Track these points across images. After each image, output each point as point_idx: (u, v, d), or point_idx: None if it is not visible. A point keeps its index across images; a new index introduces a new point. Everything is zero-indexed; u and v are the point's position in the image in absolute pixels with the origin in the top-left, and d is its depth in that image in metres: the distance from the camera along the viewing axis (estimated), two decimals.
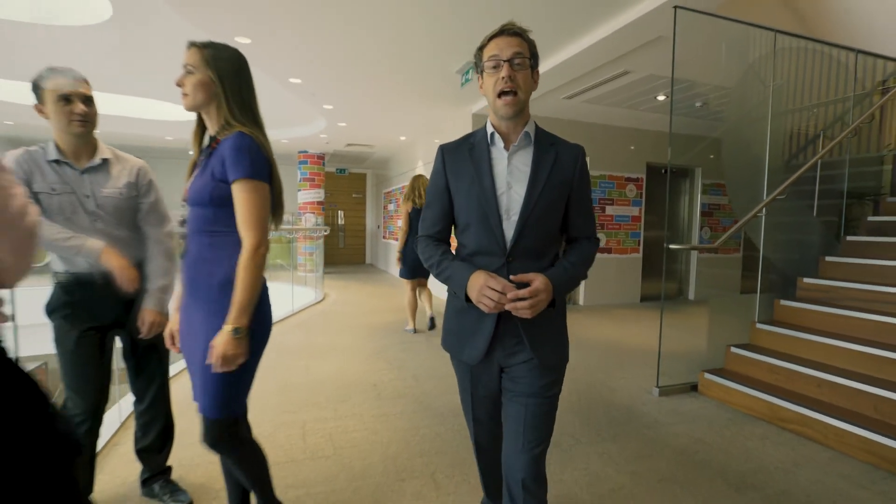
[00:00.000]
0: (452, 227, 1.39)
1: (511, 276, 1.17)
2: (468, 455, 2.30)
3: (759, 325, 3.43)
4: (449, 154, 1.31)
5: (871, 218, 3.85)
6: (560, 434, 2.55)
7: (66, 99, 1.58)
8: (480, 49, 1.24)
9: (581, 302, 6.76)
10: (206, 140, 1.46)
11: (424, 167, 8.42)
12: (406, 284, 4.85)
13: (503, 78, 1.16)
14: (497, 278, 1.16)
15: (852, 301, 3.20)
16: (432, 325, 4.92)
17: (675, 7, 2.95)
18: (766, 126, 3.54)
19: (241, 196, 1.33)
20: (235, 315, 1.27)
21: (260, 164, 1.35)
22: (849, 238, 3.74)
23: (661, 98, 5.32)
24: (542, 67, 4.33)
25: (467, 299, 1.22)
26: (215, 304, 1.33)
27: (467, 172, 1.25)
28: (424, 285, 5.04)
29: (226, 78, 1.38)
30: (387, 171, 11.48)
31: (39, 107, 1.61)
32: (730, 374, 3.27)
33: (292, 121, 7.62)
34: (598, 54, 3.90)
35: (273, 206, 1.43)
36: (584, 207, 1.30)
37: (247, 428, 1.53)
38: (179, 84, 1.37)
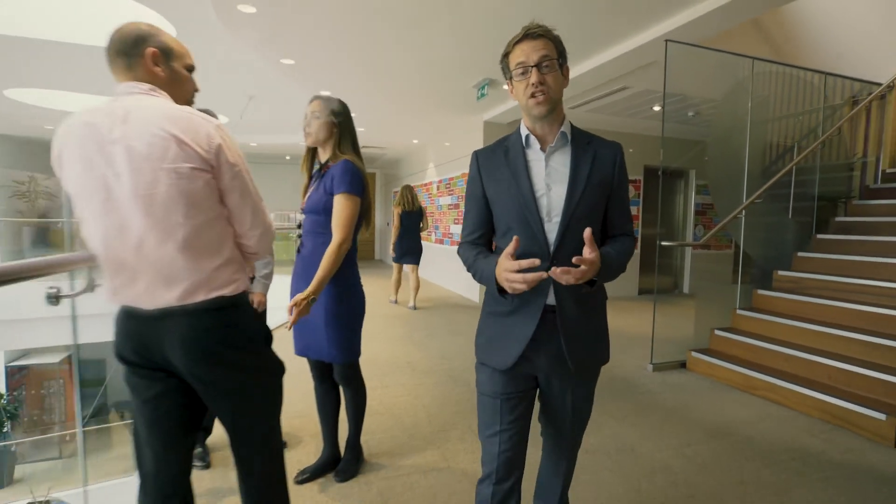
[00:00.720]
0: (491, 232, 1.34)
1: (574, 259, 1.06)
2: None
3: (739, 312, 3.97)
4: (484, 159, 1.27)
5: (839, 218, 4.40)
6: None
7: None
8: (506, 55, 1.21)
9: None
10: (317, 165, 2.00)
11: (435, 169, 8.94)
12: (394, 266, 6.51)
13: (533, 84, 1.13)
14: (507, 259, 1.08)
15: (820, 290, 3.74)
16: (414, 308, 6.31)
17: (667, 40, 3.48)
18: (745, 138, 4.07)
19: (339, 205, 1.86)
20: (315, 287, 1.78)
21: (357, 183, 1.89)
22: (819, 236, 4.28)
23: (656, 108, 5.85)
24: None
25: (502, 292, 1.16)
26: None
27: (504, 176, 1.21)
28: (413, 270, 6.32)
29: (339, 122, 1.91)
30: (397, 171, 12.00)
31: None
32: (713, 353, 3.81)
33: None
34: (600, 76, 4.41)
35: (363, 213, 1.96)
36: (623, 206, 1.26)
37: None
38: (307, 126, 1.90)
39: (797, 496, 2.06)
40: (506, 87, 1.26)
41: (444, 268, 8.37)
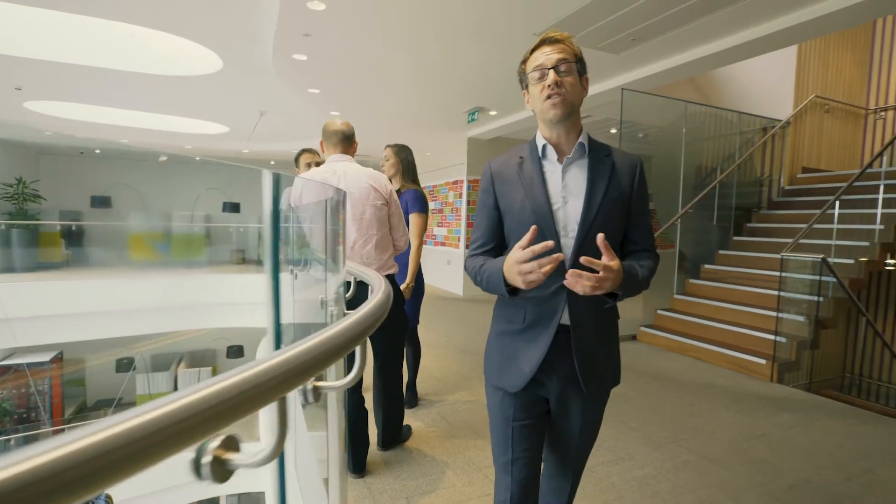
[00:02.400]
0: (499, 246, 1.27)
1: (582, 259, 0.99)
2: None
3: (676, 296, 5.15)
4: (497, 169, 1.21)
5: (750, 224, 5.69)
6: None
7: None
8: (523, 62, 1.17)
9: None
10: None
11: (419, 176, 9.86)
12: None
13: (549, 85, 1.09)
14: (518, 250, 1.01)
15: (734, 279, 4.96)
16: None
17: (623, 89, 4.58)
18: (681, 160, 5.27)
19: (415, 221, 2.79)
20: (411, 277, 2.73)
21: (423, 205, 2.83)
22: (735, 238, 5.54)
23: (613, 131, 7.04)
24: (526, 114, 5.88)
25: (513, 293, 1.10)
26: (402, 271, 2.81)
27: (518, 188, 1.16)
28: None
29: (405, 161, 2.85)
30: None
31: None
32: (657, 327, 4.96)
33: (317, 134, 8.89)
34: None
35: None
36: (643, 220, 1.19)
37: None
38: (383, 164, 2.82)
39: (708, 409, 3.16)
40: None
41: (427, 266, 9.33)
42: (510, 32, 3.57)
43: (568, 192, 1.14)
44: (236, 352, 9.83)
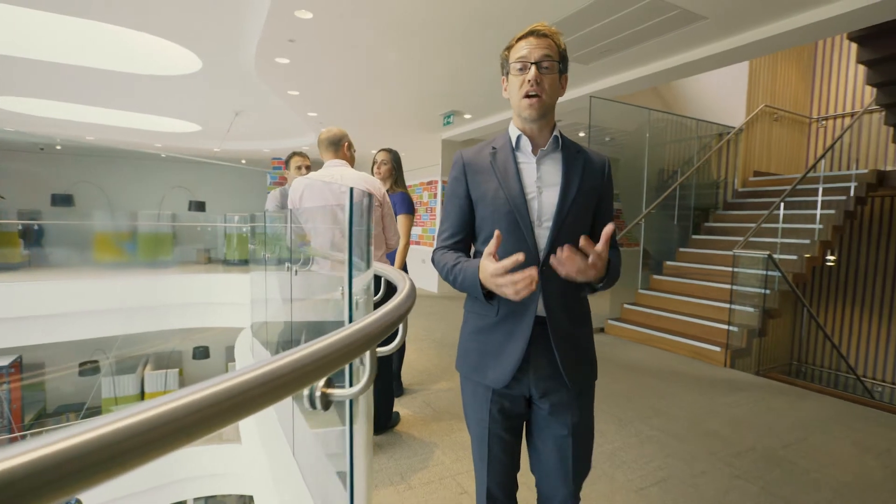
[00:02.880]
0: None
1: (581, 243, 0.99)
2: None
3: (640, 291, 5.51)
4: (470, 160, 1.20)
5: (707, 223, 6.12)
6: None
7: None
8: (507, 49, 1.16)
9: None
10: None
11: None
12: None
13: (528, 81, 1.09)
14: (490, 261, 1.01)
15: (693, 274, 5.35)
16: None
17: (591, 96, 4.88)
18: (644, 163, 5.62)
19: (402, 222, 2.97)
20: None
21: (410, 207, 3.01)
22: (694, 236, 5.95)
23: (581, 134, 7.38)
24: (499, 118, 6.13)
25: (489, 297, 1.09)
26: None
27: (491, 178, 1.16)
28: None
29: (396, 166, 3.03)
30: None
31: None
32: (623, 320, 5.30)
33: (291, 134, 8.88)
34: None
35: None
36: (609, 217, 1.22)
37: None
38: (379, 171, 2.99)
39: (669, 392, 3.47)
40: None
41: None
42: (487, 43, 3.79)
43: (543, 182, 1.15)
44: (202, 353, 9.71)
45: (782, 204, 4.89)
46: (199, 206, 10.93)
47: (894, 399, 6.00)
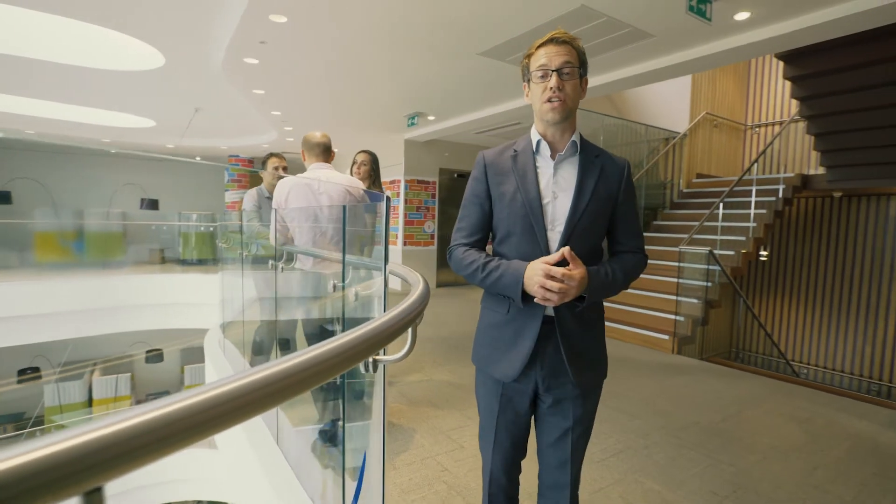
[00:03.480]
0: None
1: (548, 269, 1.08)
2: None
3: None
4: (491, 161, 1.25)
5: (656, 222, 6.58)
6: None
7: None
8: (528, 57, 1.20)
9: None
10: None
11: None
12: None
13: (551, 88, 1.12)
14: (552, 267, 1.08)
15: (645, 269, 5.75)
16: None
17: None
18: None
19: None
20: None
21: (389, 207, 3.15)
22: (644, 234, 6.38)
23: None
24: (461, 120, 6.34)
25: (524, 299, 1.13)
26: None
27: (511, 179, 1.20)
28: None
29: (375, 167, 3.16)
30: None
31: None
32: None
33: (252, 132, 8.73)
34: (504, 117, 6.03)
35: None
36: (630, 222, 1.24)
37: None
38: (358, 171, 3.11)
39: (623, 376, 3.78)
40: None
41: None
42: (455, 51, 3.97)
43: (558, 187, 1.18)
44: (156, 357, 9.34)
45: (721, 204, 5.37)
46: (152, 204, 10.54)
47: (817, 378, 6.69)
